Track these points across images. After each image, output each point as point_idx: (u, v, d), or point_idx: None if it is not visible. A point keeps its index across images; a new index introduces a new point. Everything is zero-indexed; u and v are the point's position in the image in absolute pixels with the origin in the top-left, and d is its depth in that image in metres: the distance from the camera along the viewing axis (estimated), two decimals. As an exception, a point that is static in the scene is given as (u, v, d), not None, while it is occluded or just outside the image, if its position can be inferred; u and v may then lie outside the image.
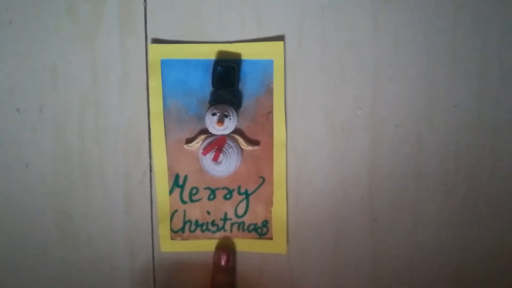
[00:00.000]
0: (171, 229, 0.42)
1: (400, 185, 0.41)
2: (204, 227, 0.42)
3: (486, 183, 0.41)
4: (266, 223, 0.42)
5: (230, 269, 0.41)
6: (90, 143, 0.42)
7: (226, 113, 0.40)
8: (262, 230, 0.42)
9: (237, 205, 0.42)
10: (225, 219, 0.42)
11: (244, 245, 0.42)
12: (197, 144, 0.41)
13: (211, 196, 0.42)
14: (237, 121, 0.41)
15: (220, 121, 0.40)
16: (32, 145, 0.43)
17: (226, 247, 0.42)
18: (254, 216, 0.42)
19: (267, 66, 0.41)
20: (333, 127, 0.41)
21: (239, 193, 0.42)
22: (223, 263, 0.41)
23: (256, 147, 0.41)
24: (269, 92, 0.41)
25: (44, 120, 0.42)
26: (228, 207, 0.42)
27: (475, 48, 0.40)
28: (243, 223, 0.42)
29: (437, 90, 0.40)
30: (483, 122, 0.40)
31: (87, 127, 0.42)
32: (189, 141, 0.41)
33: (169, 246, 0.42)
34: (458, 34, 0.40)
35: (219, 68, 0.40)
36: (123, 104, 0.42)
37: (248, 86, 0.41)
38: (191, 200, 0.42)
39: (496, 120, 0.40)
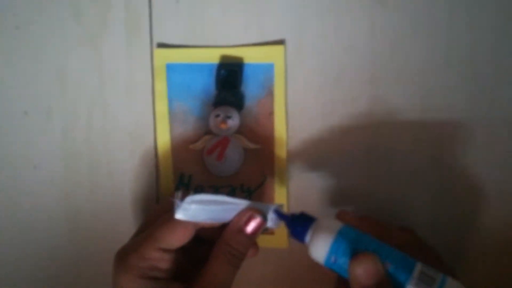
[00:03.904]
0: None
1: (398, 181, 0.43)
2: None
3: (482, 179, 0.42)
4: (268, 220, 0.43)
5: (252, 241, 0.36)
6: (97, 145, 0.44)
7: (229, 114, 0.41)
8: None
9: (240, 202, 0.43)
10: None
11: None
12: (202, 145, 0.43)
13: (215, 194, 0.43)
14: (240, 122, 0.42)
15: (224, 122, 0.41)
16: (40, 147, 0.44)
17: (257, 210, 0.36)
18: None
19: (268, 69, 0.42)
20: (332, 127, 0.43)
21: (242, 191, 0.43)
22: (249, 230, 0.35)
23: (258, 147, 0.43)
24: (270, 94, 0.43)
25: (52, 122, 0.44)
26: (231, 205, 0.43)
27: (469, 47, 0.41)
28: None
29: (432, 90, 0.42)
30: (478, 122, 0.42)
31: (94, 129, 0.44)
32: (193, 141, 0.43)
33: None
34: (452, 35, 0.41)
35: (222, 71, 0.42)
36: (129, 106, 0.43)
37: (250, 88, 0.43)
38: (196, 198, 0.43)
39: (490, 119, 0.42)
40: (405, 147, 0.42)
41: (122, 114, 0.43)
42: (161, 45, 0.43)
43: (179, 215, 0.34)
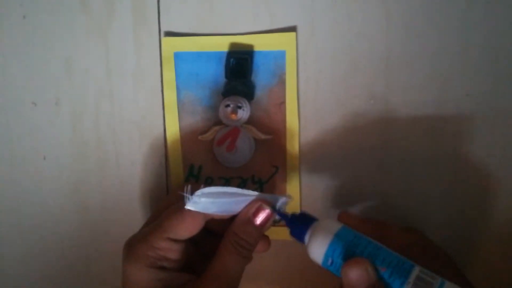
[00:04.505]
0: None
1: (411, 174, 0.42)
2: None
3: (496, 173, 0.41)
4: (279, 212, 0.42)
5: (260, 232, 0.35)
6: (106, 135, 0.43)
7: (239, 104, 0.40)
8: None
9: (251, 194, 0.43)
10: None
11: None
12: (211, 135, 0.42)
13: (226, 186, 0.42)
14: (250, 112, 0.41)
15: (234, 112, 0.40)
16: (49, 138, 0.43)
17: (266, 201, 0.35)
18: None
19: (279, 57, 0.41)
20: (345, 117, 0.42)
21: (253, 182, 0.42)
22: (258, 221, 0.35)
23: (269, 137, 0.42)
24: (282, 82, 0.41)
25: (60, 112, 0.43)
26: (242, 196, 0.43)
27: (487, 36, 0.40)
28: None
29: (449, 79, 0.41)
30: (496, 111, 0.41)
31: (102, 119, 0.43)
32: (203, 132, 0.42)
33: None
34: (469, 22, 0.40)
35: (231, 59, 0.41)
36: (137, 96, 0.43)
37: (260, 77, 0.42)
38: (206, 190, 0.43)
39: (508, 109, 0.41)
40: (420, 139, 0.41)
41: (130, 105, 0.43)
42: (169, 34, 0.42)
43: (189, 207, 0.33)
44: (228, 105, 0.41)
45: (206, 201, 0.33)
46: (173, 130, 0.42)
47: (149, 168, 0.43)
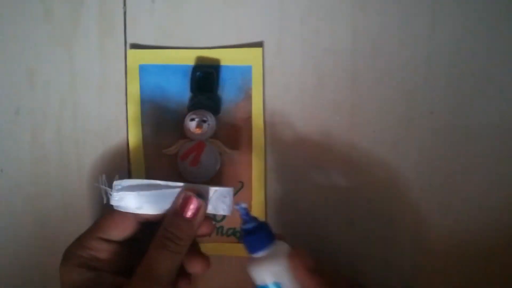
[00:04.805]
0: (150, 234, 0.42)
1: (376, 189, 0.41)
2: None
3: (460, 188, 0.41)
4: (244, 228, 0.42)
5: (191, 225, 0.34)
6: (68, 147, 0.42)
7: (204, 119, 0.40)
8: (240, 234, 0.42)
9: (216, 210, 0.42)
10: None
11: (223, 249, 0.42)
12: (175, 149, 0.41)
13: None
14: (216, 127, 0.41)
15: (199, 126, 0.40)
16: (8, 149, 0.42)
17: (194, 191, 0.34)
18: (233, 220, 0.42)
19: (245, 71, 0.41)
20: (312, 133, 0.41)
21: (218, 198, 0.42)
22: (187, 213, 0.33)
23: (235, 152, 0.41)
24: (248, 97, 0.41)
25: (21, 123, 0.42)
26: (206, 212, 0.42)
27: (451, 54, 0.40)
28: (222, 227, 0.42)
29: (414, 97, 0.41)
30: (458, 128, 0.41)
31: (65, 130, 0.42)
32: (167, 146, 0.41)
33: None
34: (435, 40, 0.40)
35: (197, 73, 0.40)
36: (101, 108, 0.42)
37: (227, 91, 0.41)
38: (170, 205, 0.42)
39: (470, 126, 0.41)
40: (387, 153, 0.41)
41: (94, 117, 0.42)
42: (135, 46, 0.41)
43: (113, 203, 0.33)
44: (193, 119, 0.40)
45: (131, 196, 0.33)
46: (136, 143, 0.42)
47: (112, 182, 0.42)
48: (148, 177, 0.41)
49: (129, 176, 0.42)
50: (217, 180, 0.42)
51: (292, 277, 0.33)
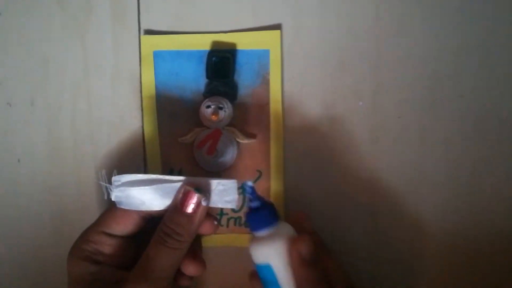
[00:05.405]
0: (166, 225, 0.41)
1: (401, 178, 0.39)
2: (200, 222, 0.41)
3: (490, 175, 0.39)
4: (263, 218, 0.40)
5: (191, 220, 0.33)
6: (83, 136, 0.41)
7: (220, 105, 0.39)
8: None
9: (234, 200, 0.41)
10: (221, 214, 0.41)
11: (241, 240, 0.41)
12: (192, 137, 0.40)
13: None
14: (233, 114, 0.39)
15: (215, 113, 0.38)
16: (24, 139, 0.42)
17: (193, 185, 0.33)
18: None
19: (263, 56, 0.39)
20: (333, 119, 0.40)
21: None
22: (187, 209, 0.33)
23: (252, 140, 0.40)
24: (266, 83, 0.40)
25: (36, 113, 0.42)
26: (224, 202, 0.41)
27: (481, 36, 0.38)
28: (240, 218, 0.41)
29: (441, 80, 0.39)
30: (489, 112, 0.39)
31: (79, 120, 0.41)
32: (183, 134, 0.40)
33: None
34: (463, 21, 0.38)
35: (213, 58, 0.39)
36: (116, 96, 0.41)
37: (243, 77, 0.40)
38: (186, 195, 0.41)
39: (501, 110, 0.39)
40: (412, 140, 0.39)
41: (108, 105, 0.41)
42: (149, 32, 0.40)
43: (114, 198, 0.33)
44: (209, 106, 0.39)
45: (130, 192, 0.33)
46: (151, 132, 0.40)
47: (127, 172, 0.41)
48: (163, 164, 0.40)
49: (145, 166, 0.41)
50: (234, 169, 0.40)
51: (286, 262, 0.32)
